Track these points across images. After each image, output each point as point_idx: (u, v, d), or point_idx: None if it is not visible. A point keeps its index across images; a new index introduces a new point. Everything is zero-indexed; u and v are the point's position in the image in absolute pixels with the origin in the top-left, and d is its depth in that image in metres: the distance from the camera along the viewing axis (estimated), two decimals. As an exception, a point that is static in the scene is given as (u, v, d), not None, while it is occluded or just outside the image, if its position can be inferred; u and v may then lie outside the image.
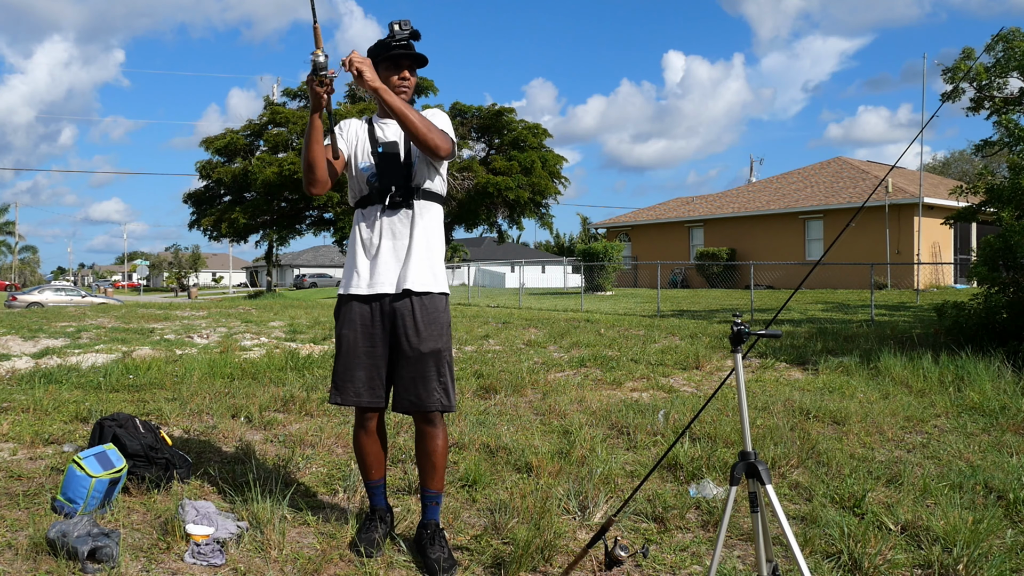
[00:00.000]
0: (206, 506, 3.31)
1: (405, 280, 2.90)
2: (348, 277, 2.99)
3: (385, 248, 2.93)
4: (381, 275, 2.92)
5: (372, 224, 2.96)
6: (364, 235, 2.97)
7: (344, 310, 3.00)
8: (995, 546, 3.14)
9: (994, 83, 19.48)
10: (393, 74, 2.94)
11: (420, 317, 2.91)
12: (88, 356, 8.58)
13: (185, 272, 77.01)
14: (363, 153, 3.00)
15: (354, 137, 3.02)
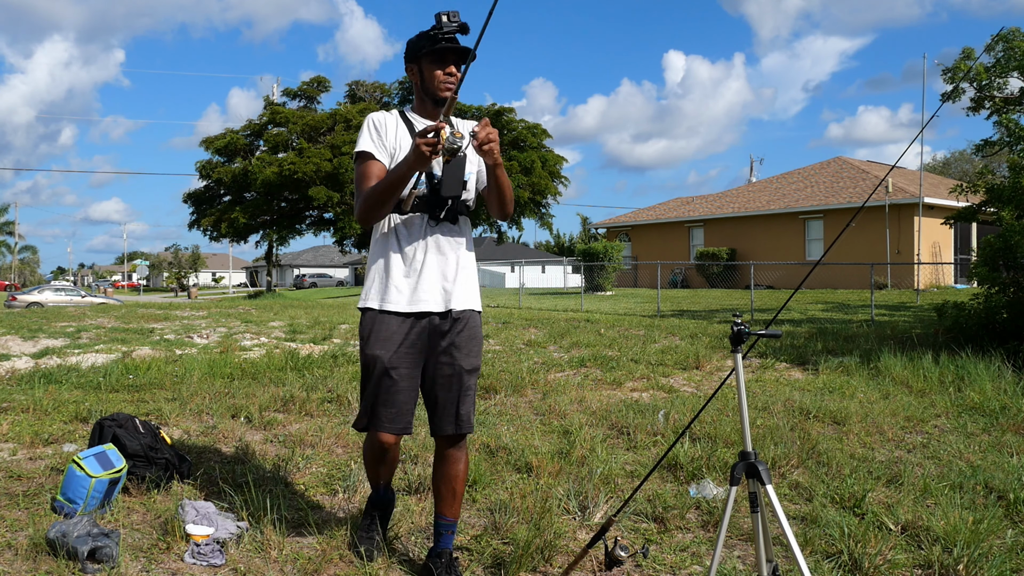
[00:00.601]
0: (206, 506, 3.31)
1: (452, 299, 2.70)
2: (382, 291, 2.69)
3: (431, 264, 2.68)
4: (425, 292, 2.67)
5: (415, 236, 2.68)
6: (405, 247, 2.69)
7: (378, 327, 2.68)
8: (995, 546, 3.14)
9: (994, 83, 19.49)
10: (438, 69, 2.67)
11: (464, 335, 2.73)
12: (88, 356, 8.58)
13: (185, 272, 77.00)
14: None
15: (395, 141, 2.72)
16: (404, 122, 2.75)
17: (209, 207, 38.97)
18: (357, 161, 2.71)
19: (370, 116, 2.74)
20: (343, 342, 10.45)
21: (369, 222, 2.66)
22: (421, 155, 2.38)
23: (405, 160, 2.46)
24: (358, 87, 41.30)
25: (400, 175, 2.50)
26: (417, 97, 2.79)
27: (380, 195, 2.55)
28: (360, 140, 2.73)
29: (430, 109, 2.74)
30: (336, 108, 38.34)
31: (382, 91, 41.18)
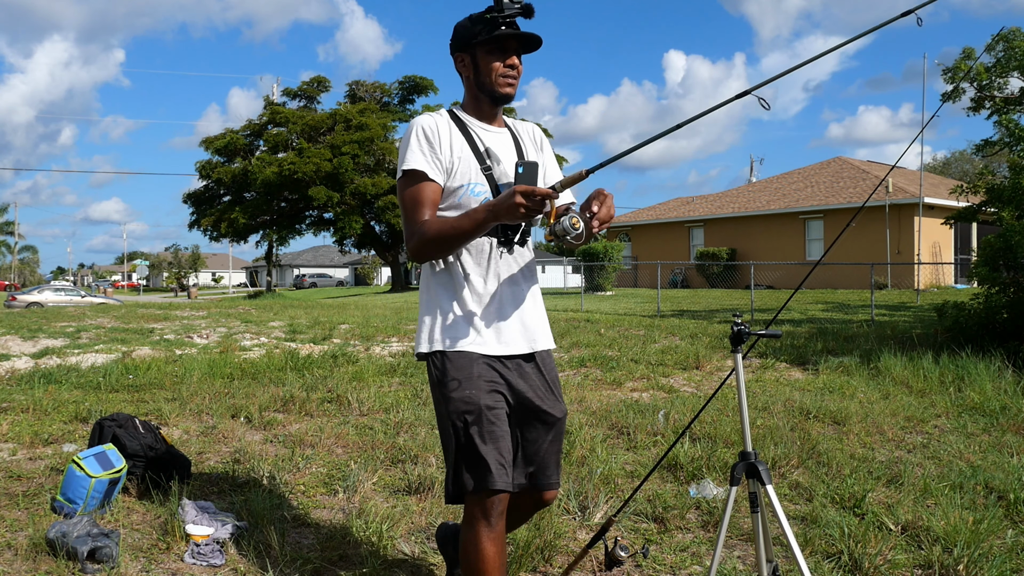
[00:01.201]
0: (206, 506, 3.31)
1: (534, 337, 2.30)
2: (458, 329, 2.21)
3: (506, 297, 2.26)
4: (508, 331, 2.25)
5: (484, 265, 2.24)
6: (473, 278, 2.23)
7: (457, 367, 2.18)
8: (995, 546, 3.14)
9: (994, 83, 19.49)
10: (496, 60, 2.20)
11: (550, 378, 2.35)
12: (88, 356, 8.58)
13: (185, 272, 77.00)
14: (470, 171, 2.22)
15: (450, 152, 2.21)
16: (458, 126, 2.26)
17: (209, 207, 38.97)
18: (404, 180, 2.20)
19: (417, 123, 2.23)
20: (343, 342, 10.45)
21: (428, 260, 2.25)
22: (515, 213, 1.93)
23: (491, 210, 2.00)
24: (358, 87, 41.30)
25: (478, 224, 2.04)
26: (468, 93, 2.30)
27: (449, 241, 2.12)
28: (407, 154, 2.19)
29: (486, 108, 2.28)
30: (336, 108, 38.34)
31: (382, 91, 41.18)
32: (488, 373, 2.20)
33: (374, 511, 3.43)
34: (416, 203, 2.18)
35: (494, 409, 2.18)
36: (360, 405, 5.83)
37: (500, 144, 2.30)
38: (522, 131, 2.42)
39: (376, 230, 38.67)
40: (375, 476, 4.04)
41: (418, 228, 2.15)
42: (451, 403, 2.17)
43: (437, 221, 2.13)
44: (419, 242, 2.15)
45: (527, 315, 2.29)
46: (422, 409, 5.73)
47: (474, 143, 2.24)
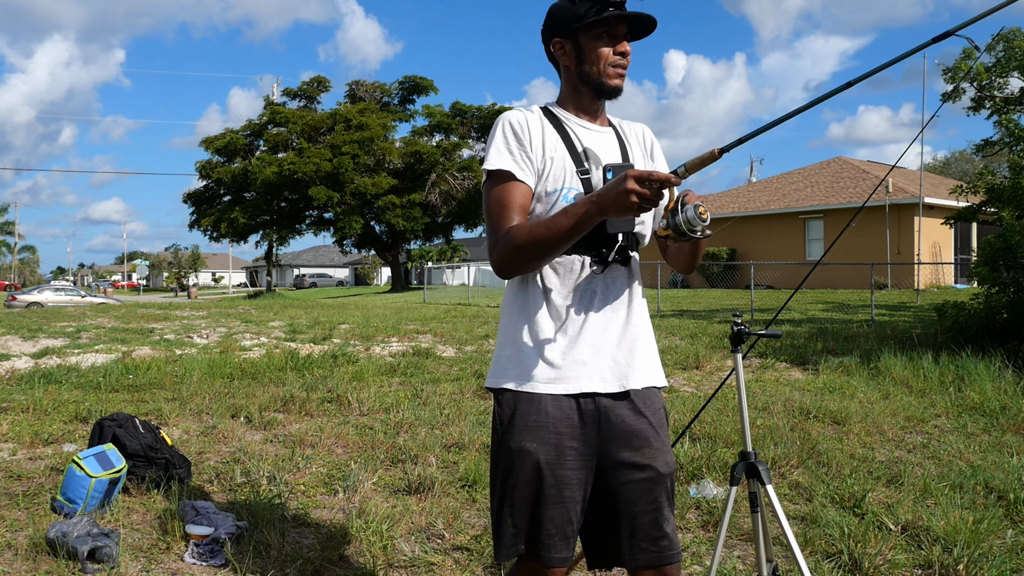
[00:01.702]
0: (206, 506, 3.31)
1: (630, 372, 1.88)
2: (531, 363, 1.85)
3: (595, 323, 1.86)
4: (591, 363, 1.85)
5: (572, 285, 1.87)
6: (556, 301, 1.86)
7: (522, 412, 1.84)
8: (995, 546, 3.14)
9: (994, 83, 19.49)
10: (604, 45, 1.86)
11: (655, 422, 1.90)
12: (88, 356, 8.58)
13: (185, 272, 77.01)
14: (565, 174, 1.86)
15: (542, 152, 1.88)
16: (552, 124, 1.92)
17: (209, 207, 39.00)
18: (489, 183, 1.87)
19: (505, 118, 1.92)
20: (343, 342, 10.45)
21: (515, 274, 1.85)
22: (625, 203, 1.55)
23: (595, 201, 1.62)
24: (358, 87, 41.32)
25: (579, 219, 1.65)
26: (567, 85, 1.96)
27: (543, 246, 1.72)
28: (492, 152, 1.86)
29: (588, 103, 1.94)
30: (336, 108, 38.36)
31: (382, 91, 41.20)
32: (560, 420, 1.82)
33: (374, 511, 3.43)
34: (502, 207, 1.83)
35: (558, 468, 1.81)
36: (360, 405, 5.83)
37: (602, 145, 1.93)
38: (629, 132, 2.05)
39: (376, 230, 38.68)
40: (375, 476, 4.04)
41: (504, 235, 1.78)
42: (505, 453, 1.85)
43: (528, 224, 1.77)
44: (506, 250, 1.77)
45: (621, 346, 1.89)
46: (422, 409, 5.73)
47: (571, 142, 1.89)
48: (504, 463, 1.86)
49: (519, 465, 1.83)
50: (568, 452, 1.83)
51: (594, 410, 1.85)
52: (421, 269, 41.34)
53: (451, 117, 38.50)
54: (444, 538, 3.24)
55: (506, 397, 1.88)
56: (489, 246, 1.84)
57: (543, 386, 1.84)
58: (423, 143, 37.26)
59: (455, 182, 36.41)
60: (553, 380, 1.84)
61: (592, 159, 1.89)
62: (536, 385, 1.84)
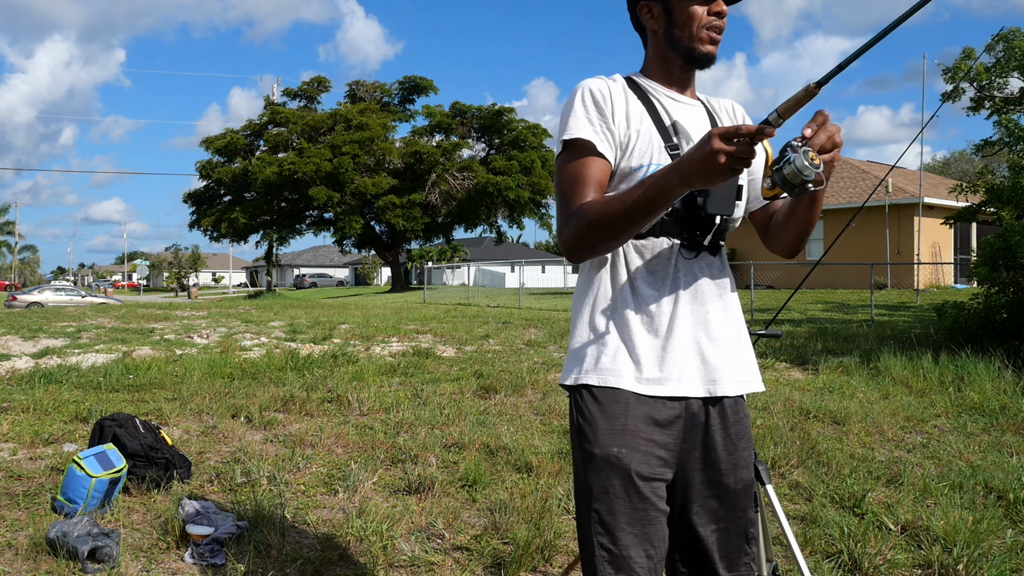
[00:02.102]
0: (206, 506, 3.31)
1: (716, 376, 1.64)
2: (615, 357, 1.62)
3: (684, 317, 1.63)
4: (682, 364, 1.62)
5: (660, 274, 1.64)
6: (644, 291, 1.63)
7: (608, 412, 1.60)
8: (995, 546, 3.14)
9: (994, 83, 19.50)
10: (697, 5, 1.65)
11: (734, 432, 1.68)
12: (88, 356, 8.58)
13: (185, 272, 77.03)
14: (651, 149, 1.64)
15: (626, 123, 1.65)
16: (637, 94, 1.70)
17: (209, 207, 39.01)
18: (564, 155, 1.64)
19: (584, 85, 1.68)
20: (343, 342, 10.45)
21: (587, 256, 1.61)
22: (715, 169, 1.32)
23: (677, 169, 1.38)
24: (358, 87, 41.33)
25: (661, 192, 1.41)
26: (654, 52, 1.74)
27: (619, 223, 1.49)
28: (570, 120, 1.64)
29: (677, 73, 1.72)
30: (336, 108, 38.37)
31: (382, 91, 41.21)
32: (648, 424, 1.59)
33: (374, 511, 3.43)
34: (577, 181, 1.60)
35: (650, 479, 1.58)
36: (360, 405, 5.83)
37: (692, 119, 1.71)
38: (719, 108, 1.82)
39: (376, 230, 38.69)
40: (375, 476, 4.04)
41: (576, 211, 1.56)
42: (592, 462, 1.60)
43: (601, 199, 1.55)
44: (577, 228, 1.54)
45: (712, 345, 1.65)
46: (422, 409, 5.73)
47: (657, 115, 1.68)
48: (593, 478, 1.59)
49: (607, 475, 1.58)
50: (655, 461, 1.59)
51: (680, 416, 1.62)
52: (421, 269, 41.36)
53: (451, 117, 38.51)
54: (444, 538, 3.25)
55: (586, 395, 1.63)
56: (559, 225, 1.63)
57: (629, 384, 1.61)
58: (423, 143, 37.27)
59: (455, 182, 36.41)
60: (640, 379, 1.61)
61: (682, 134, 1.67)
62: (621, 383, 1.61)
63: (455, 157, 37.05)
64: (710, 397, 1.64)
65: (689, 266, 1.66)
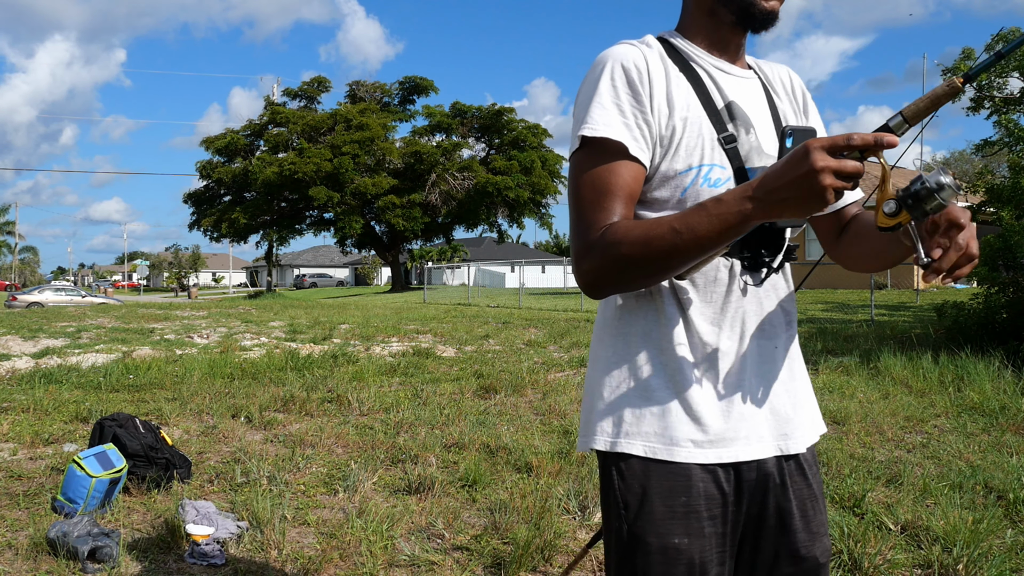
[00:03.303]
0: (206, 506, 3.31)
1: (794, 428, 1.34)
2: (664, 415, 1.26)
3: (751, 358, 1.31)
4: (751, 418, 1.29)
5: (718, 304, 1.29)
6: (697, 321, 1.27)
7: (663, 491, 1.25)
8: (995, 546, 3.14)
9: (994, 83, 19.50)
10: None
11: (810, 492, 1.35)
12: (88, 356, 8.58)
13: (185, 272, 77.06)
14: (703, 144, 1.25)
15: (665, 106, 1.24)
16: (678, 64, 1.29)
17: (209, 207, 39.02)
18: (586, 154, 1.23)
19: (614, 57, 1.25)
20: (343, 342, 10.45)
21: (611, 294, 1.25)
22: (814, 194, 0.99)
23: (759, 196, 1.03)
24: (358, 87, 41.35)
25: (732, 224, 1.06)
26: (697, 5, 1.33)
27: (670, 258, 1.12)
28: (593, 109, 1.23)
29: (727, 34, 1.31)
30: (336, 108, 38.39)
31: (382, 91, 41.23)
32: (713, 500, 1.26)
33: (374, 511, 3.43)
34: (601, 194, 1.21)
35: (714, 567, 1.26)
36: (360, 405, 5.83)
37: (747, 97, 1.32)
38: (773, 78, 1.42)
39: (376, 230, 38.70)
40: (375, 476, 4.04)
41: (601, 236, 1.18)
42: (645, 554, 1.24)
43: (640, 224, 1.15)
44: (604, 261, 1.17)
45: (783, 392, 1.35)
46: (422, 409, 5.73)
47: (707, 93, 1.28)
48: (644, 565, 1.24)
49: (666, 570, 1.24)
50: (720, 542, 1.27)
51: (754, 480, 1.29)
52: (421, 269, 41.36)
53: (451, 117, 38.53)
54: (444, 538, 3.25)
55: (633, 467, 1.26)
56: (575, 250, 1.23)
57: (689, 452, 1.25)
58: (423, 143, 37.29)
59: (455, 182, 36.42)
60: (700, 443, 1.25)
61: (739, 119, 1.28)
62: (678, 451, 1.24)
63: (455, 157, 37.07)
64: (790, 455, 1.32)
65: (754, 292, 1.31)
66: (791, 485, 1.32)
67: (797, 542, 1.31)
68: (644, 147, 1.23)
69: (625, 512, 1.26)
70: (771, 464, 1.30)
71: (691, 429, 1.25)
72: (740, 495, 1.28)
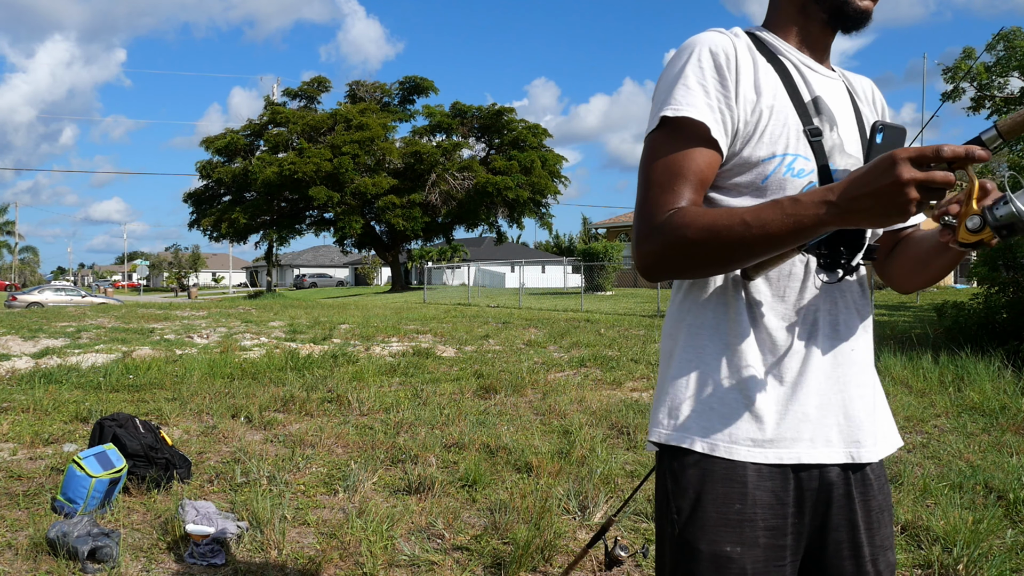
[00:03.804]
0: (206, 506, 3.31)
1: (866, 435, 1.26)
2: (728, 412, 1.22)
3: (822, 360, 1.25)
4: (816, 420, 1.23)
5: (792, 301, 1.25)
6: (768, 318, 1.24)
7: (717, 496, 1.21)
8: (995, 546, 3.14)
9: (994, 82, 19.50)
10: None
11: (877, 504, 1.29)
12: (88, 356, 8.58)
13: (185, 272, 77.06)
14: (787, 133, 1.23)
15: (752, 93, 1.22)
16: (763, 54, 1.28)
17: (209, 207, 39.03)
18: (664, 135, 1.21)
19: (702, 42, 1.24)
20: (343, 342, 10.45)
21: (669, 279, 1.23)
22: (898, 206, 0.97)
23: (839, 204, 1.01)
24: (358, 87, 41.34)
25: (808, 226, 1.04)
26: (790, 3, 1.32)
27: (738, 250, 1.10)
28: (678, 89, 1.21)
29: (816, 33, 1.31)
30: (336, 108, 38.39)
31: (382, 91, 41.22)
32: (771, 508, 1.21)
33: (374, 511, 3.43)
34: (674, 176, 1.19)
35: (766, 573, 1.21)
36: (360, 405, 5.83)
37: (833, 95, 1.30)
38: (857, 87, 1.41)
39: (376, 230, 38.70)
40: (375, 476, 4.04)
41: (666, 220, 1.15)
42: (695, 560, 1.21)
43: (710, 213, 1.13)
44: (668, 244, 1.14)
45: (856, 396, 1.27)
46: (422, 409, 5.73)
47: (794, 85, 1.26)
48: (694, 573, 1.21)
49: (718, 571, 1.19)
50: (777, 554, 1.21)
51: (816, 488, 1.23)
52: (421, 269, 41.36)
53: (451, 117, 38.53)
54: (444, 538, 3.25)
55: (691, 465, 1.23)
56: (638, 231, 1.19)
57: (748, 451, 1.21)
58: (423, 143, 37.29)
59: (455, 182, 36.42)
60: (760, 441, 1.21)
61: (824, 114, 1.26)
62: (737, 449, 1.20)
63: (455, 157, 37.08)
64: (855, 464, 1.25)
65: (829, 291, 1.26)
66: (857, 497, 1.26)
67: (864, 558, 1.26)
68: (724, 132, 1.21)
69: (677, 516, 1.24)
70: (835, 474, 1.25)
71: (752, 428, 1.21)
72: (802, 505, 1.23)
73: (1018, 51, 18.13)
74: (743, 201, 1.21)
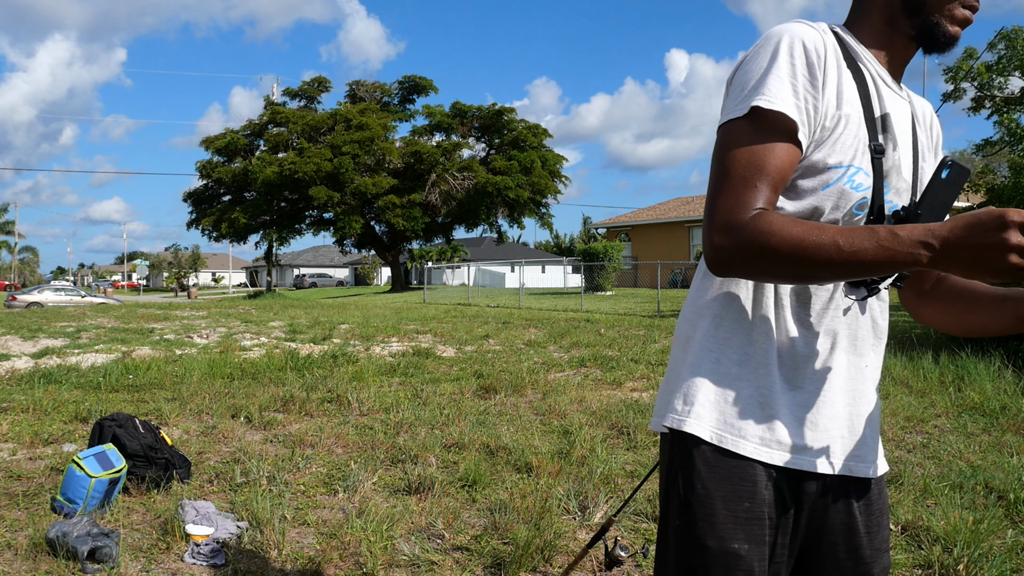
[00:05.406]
0: (206, 506, 3.31)
1: (862, 451, 1.29)
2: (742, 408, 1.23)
3: (839, 370, 1.27)
4: (827, 430, 1.25)
5: (817, 315, 1.25)
6: (792, 325, 1.24)
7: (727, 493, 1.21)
8: (995, 546, 3.14)
9: (995, 82, 19.49)
10: None
11: (876, 508, 1.32)
12: (88, 356, 8.58)
13: (185, 272, 77.05)
14: (856, 145, 1.21)
15: (835, 96, 1.20)
16: (846, 59, 1.24)
17: (209, 207, 39.02)
18: (749, 125, 1.16)
19: (795, 34, 1.18)
20: (343, 342, 10.45)
21: (736, 276, 1.18)
22: (994, 266, 0.96)
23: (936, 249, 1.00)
24: (358, 87, 41.34)
25: (900, 262, 1.02)
26: (879, 14, 1.27)
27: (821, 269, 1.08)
28: (770, 80, 1.16)
29: (899, 47, 1.28)
30: (336, 108, 38.39)
31: (382, 91, 41.22)
32: (779, 508, 1.23)
33: (374, 511, 3.43)
34: (756, 172, 1.14)
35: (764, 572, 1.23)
36: (360, 405, 5.83)
37: (899, 114, 1.28)
38: (920, 114, 1.37)
39: (376, 230, 38.70)
40: (375, 476, 4.04)
41: (749, 220, 1.12)
42: (703, 555, 1.20)
43: (799, 225, 1.08)
44: (745, 248, 1.11)
45: (864, 412, 1.29)
46: (422, 409, 5.73)
47: (868, 98, 1.23)
48: (699, 570, 1.21)
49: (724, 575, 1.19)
50: (778, 552, 1.24)
51: (815, 493, 1.25)
52: (421, 269, 41.37)
53: (451, 117, 38.54)
54: (444, 538, 3.25)
55: (697, 456, 1.22)
56: (712, 220, 1.15)
57: (755, 448, 1.21)
58: (423, 143, 37.29)
59: (455, 182, 36.42)
60: (770, 442, 1.21)
61: (890, 133, 1.24)
62: (744, 444, 1.21)
63: (455, 157, 37.08)
64: (857, 478, 1.29)
65: (852, 311, 1.27)
66: (856, 501, 1.29)
67: (863, 560, 1.28)
68: (808, 132, 1.18)
69: (685, 511, 1.23)
70: (836, 481, 1.27)
71: (762, 427, 1.22)
72: (801, 506, 1.26)
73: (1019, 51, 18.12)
74: (802, 205, 1.21)
